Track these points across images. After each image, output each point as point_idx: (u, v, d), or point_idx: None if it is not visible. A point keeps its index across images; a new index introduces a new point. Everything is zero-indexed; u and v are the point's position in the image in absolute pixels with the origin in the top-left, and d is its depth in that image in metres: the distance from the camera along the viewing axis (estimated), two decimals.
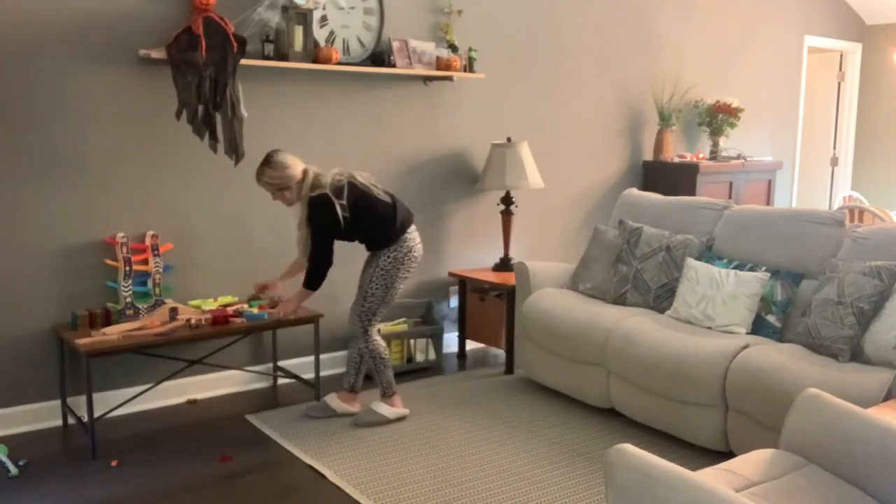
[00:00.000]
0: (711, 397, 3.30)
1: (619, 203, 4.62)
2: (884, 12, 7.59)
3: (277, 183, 3.49)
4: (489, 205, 5.06)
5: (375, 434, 3.60)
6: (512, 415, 3.87)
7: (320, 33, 4.19)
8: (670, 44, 5.98)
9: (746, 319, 3.57)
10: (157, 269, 3.83)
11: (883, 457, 2.06)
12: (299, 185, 3.50)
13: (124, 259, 3.74)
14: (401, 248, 3.61)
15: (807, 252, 3.67)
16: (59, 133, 3.59)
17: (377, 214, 3.55)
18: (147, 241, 3.81)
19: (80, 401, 3.73)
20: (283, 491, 3.07)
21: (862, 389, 2.87)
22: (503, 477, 3.19)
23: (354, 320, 3.68)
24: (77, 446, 3.48)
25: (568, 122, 5.43)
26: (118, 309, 3.74)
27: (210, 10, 3.67)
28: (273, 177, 3.48)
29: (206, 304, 3.92)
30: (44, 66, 3.52)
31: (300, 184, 3.50)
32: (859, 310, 3.18)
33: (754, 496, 1.98)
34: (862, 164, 7.95)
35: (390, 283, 3.62)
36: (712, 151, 6.10)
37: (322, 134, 4.32)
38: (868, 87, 7.86)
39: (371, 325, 3.68)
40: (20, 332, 3.60)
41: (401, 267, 3.62)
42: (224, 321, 3.68)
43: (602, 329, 3.75)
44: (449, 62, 4.47)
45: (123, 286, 3.74)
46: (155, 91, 3.79)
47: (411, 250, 3.64)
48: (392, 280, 3.62)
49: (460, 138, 4.88)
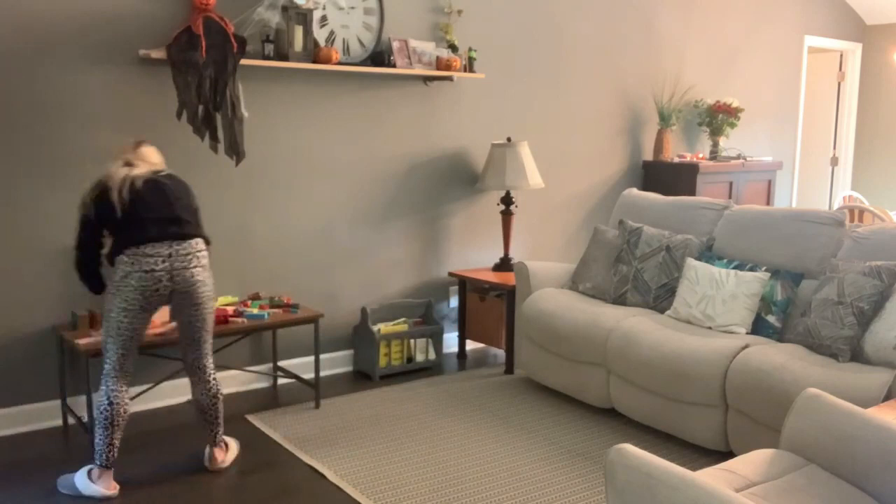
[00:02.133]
0: (711, 397, 3.30)
1: (619, 203, 4.62)
2: (884, 12, 7.59)
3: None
4: (489, 205, 5.06)
5: (375, 434, 3.60)
6: (512, 415, 3.87)
7: (320, 33, 4.19)
8: (670, 44, 5.98)
9: (746, 319, 3.57)
10: None
11: (883, 457, 2.06)
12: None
13: None
14: (116, 272, 2.96)
15: (807, 252, 3.67)
16: (59, 133, 3.59)
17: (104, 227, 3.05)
18: None
19: (80, 401, 3.73)
20: (283, 491, 3.07)
21: (862, 389, 2.87)
22: (503, 477, 3.19)
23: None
24: (77, 446, 3.48)
25: (568, 122, 5.43)
26: None
27: (210, 10, 3.67)
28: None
29: None
30: (44, 65, 3.52)
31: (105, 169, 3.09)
32: (859, 310, 3.18)
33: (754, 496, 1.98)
34: (862, 164, 7.95)
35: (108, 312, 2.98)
36: (712, 151, 6.10)
37: (322, 134, 4.32)
38: (868, 87, 7.86)
39: (105, 364, 3.01)
40: (20, 332, 3.60)
41: (116, 294, 2.94)
42: (224, 321, 3.68)
43: (602, 329, 3.75)
44: (449, 62, 4.47)
45: None
46: (155, 91, 3.79)
47: (126, 276, 2.92)
48: (109, 308, 2.97)
49: (460, 138, 4.88)
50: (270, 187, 4.19)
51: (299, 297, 4.32)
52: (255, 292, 4.12)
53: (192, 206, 3.10)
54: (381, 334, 4.34)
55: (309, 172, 4.30)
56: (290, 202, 4.26)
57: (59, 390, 3.70)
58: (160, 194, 3.00)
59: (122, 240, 2.93)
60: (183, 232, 2.99)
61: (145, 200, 2.96)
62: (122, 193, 2.93)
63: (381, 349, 4.36)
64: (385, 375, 4.41)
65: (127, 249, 2.91)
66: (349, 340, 4.57)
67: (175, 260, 2.95)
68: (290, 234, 4.29)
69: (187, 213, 3.04)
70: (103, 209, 2.95)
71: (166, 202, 2.99)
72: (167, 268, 2.93)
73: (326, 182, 4.36)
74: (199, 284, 3.02)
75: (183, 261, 2.97)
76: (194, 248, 3.01)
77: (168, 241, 2.95)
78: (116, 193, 2.92)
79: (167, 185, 3.04)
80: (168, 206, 2.99)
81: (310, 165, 4.30)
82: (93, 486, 2.97)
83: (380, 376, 4.38)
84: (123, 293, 2.92)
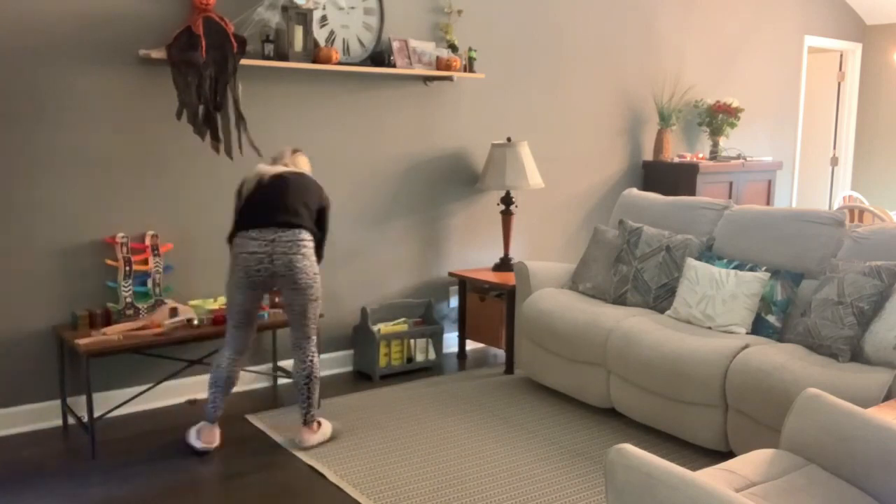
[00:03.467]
0: (711, 397, 3.30)
1: (619, 203, 4.62)
2: (884, 12, 7.59)
3: None
4: (489, 205, 5.06)
5: (375, 434, 3.60)
6: (512, 415, 3.87)
7: (320, 33, 4.19)
8: (670, 44, 5.98)
9: (746, 319, 3.57)
10: (157, 269, 3.83)
11: (883, 457, 2.06)
12: None
13: (124, 259, 3.74)
14: (231, 253, 3.33)
15: (807, 252, 3.67)
16: (58, 133, 3.59)
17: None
18: (147, 241, 3.81)
19: (80, 401, 3.73)
20: (283, 491, 3.07)
21: (862, 389, 2.87)
22: (503, 477, 3.19)
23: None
24: (77, 446, 3.48)
25: (568, 122, 5.43)
26: (118, 309, 3.74)
27: (210, 10, 3.67)
28: None
29: (207, 303, 3.92)
30: (44, 66, 3.52)
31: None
32: (859, 310, 3.18)
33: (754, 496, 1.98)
34: (862, 164, 7.95)
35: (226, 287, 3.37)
36: (712, 151, 6.10)
37: (322, 134, 4.32)
38: (868, 87, 7.86)
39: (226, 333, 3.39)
40: (20, 332, 3.60)
41: (231, 272, 3.32)
42: (224, 321, 3.68)
43: (602, 329, 3.75)
44: (449, 62, 4.48)
45: (123, 286, 3.74)
46: (155, 91, 3.79)
47: (235, 257, 3.28)
48: (227, 284, 3.36)
49: (460, 138, 4.88)
50: None
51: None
52: None
53: (310, 202, 3.36)
54: (381, 334, 4.34)
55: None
56: None
57: (60, 390, 3.70)
58: (280, 186, 3.31)
59: (236, 224, 3.31)
60: (290, 221, 3.25)
61: (265, 191, 3.29)
62: (250, 185, 3.31)
63: (381, 349, 4.36)
64: (385, 375, 4.41)
65: (239, 233, 3.28)
66: (349, 340, 4.57)
67: (277, 245, 3.22)
68: None
69: (301, 206, 3.31)
70: (238, 199, 3.35)
71: (282, 193, 3.29)
72: (268, 251, 3.21)
73: (326, 182, 4.36)
74: (298, 271, 3.26)
75: (284, 247, 3.23)
76: (298, 238, 3.27)
77: (274, 228, 3.23)
78: (244, 186, 3.32)
79: (290, 179, 3.33)
80: (282, 197, 3.28)
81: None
82: (198, 441, 3.39)
83: (380, 376, 4.38)
84: (234, 272, 3.28)
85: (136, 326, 3.57)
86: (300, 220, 3.29)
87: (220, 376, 3.35)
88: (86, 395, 3.34)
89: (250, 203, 3.29)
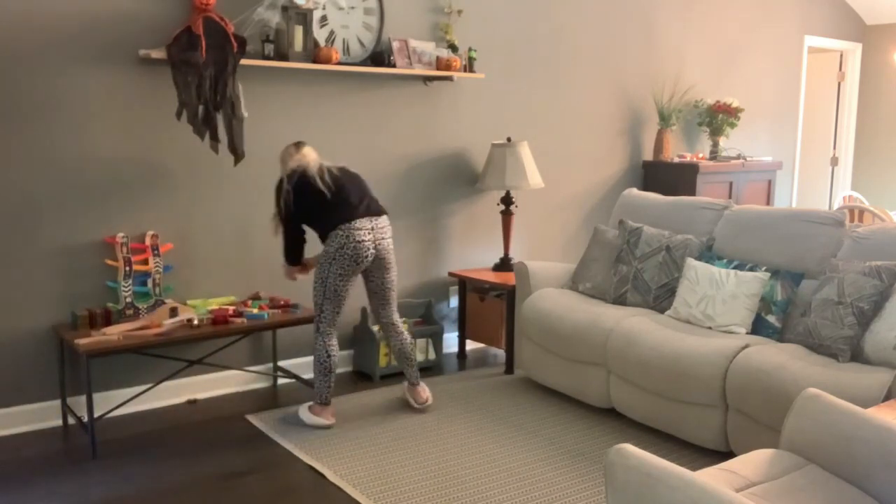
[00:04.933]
0: (711, 397, 3.30)
1: (619, 203, 4.62)
2: (884, 12, 7.59)
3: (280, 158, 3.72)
4: (489, 205, 5.06)
5: (375, 434, 3.60)
6: (512, 415, 3.87)
7: (320, 33, 4.19)
8: (670, 44, 5.99)
9: (746, 319, 3.57)
10: (157, 269, 3.83)
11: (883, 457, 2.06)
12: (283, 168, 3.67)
13: (124, 259, 3.74)
14: (331, 244, 3.54)
15: (807, 252, 3.67)
16: (58, 133, 3.59)
17: (313, 207, 3.57)
18: (147, 241, 3.81)
19: (80, 401, 3.73)
20: (283, 491, 3.07)
21: (862, 389, 2.87)
22: (503, 477, 3.19)
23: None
24: (77, 446, 3.48)
25: (568, 122, 5.43)
26: (118, 309, 3.74)
27: (210, 10, 3.67)
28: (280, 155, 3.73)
29: (207, 303, 3.92)
30: (44, 65, 3.52)
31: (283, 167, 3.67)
32: (859, 310, 3.18)
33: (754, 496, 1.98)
34: (862, 164, 7.95)
35: (324, 278, 3.57)
36: (712, 151, 6.10)
37: (322, 134, 4.32)
38: (868, 87, 7.86)
39: (320, 323, 3.63)
40: (20, 332, 3.61)
41: (332, 262, 3.54)
42: (224, 321, 3.68)
43: (602, 329, 3.75)
44: (449, 62, 4.48)
45: (123, 286, 3.74)
46: (155, 91, 3.79)
47: (343, 247, 3.51)
48: (325, 275, 3.56)
49: (460, 138, 4.88)
50: (270, 187, 4.18)
51: (299, 297, 4.32)
52: (256, 292, 4.13)
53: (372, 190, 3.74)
54: (381, 334, 4.34)
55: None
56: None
57: (60, 390, 3.70)
58: (354, 180, 3.65)
59: (334, 218, 3.53)
60: (378, 209, 3.65)
61: (345, 185, 3.58)
62: (325, 179, 3.54)
63: (381, 349, 4.36)
64: (385, 375, 4.41)
65: (341, 225, 3.52)
66: (349, 340, 4.57)
67: (376, 232, 3.59)
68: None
69: (373, 194, 3.71)
70: (306, 194, 3.54)
71: (361, 186, 3.66)
72: (371, 238, 3.57)
73: None
74: (391, 253, 3.69)
75: (381, 233, 3.61)
76: (386, 223, 3.66)
77: (369, 217, 3.58)
78: (320, 181, 3.53)
79: (354, 173, 3.70)
80: (363, 190, 3.65)
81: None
82: (316, 419, 3.65)
83: (380, 376, 4.38)
84: (340, 262, 3.53)
85: (136, 326, 3.57)
86: (381, 207, 3.68)
87: (334, 363, 3.65)
88: (86, 395, 3.34)
89: (340, 196, 3.55)
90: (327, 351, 3.62)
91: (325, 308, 3.59)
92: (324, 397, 3.66)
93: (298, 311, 3.95)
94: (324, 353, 3.62)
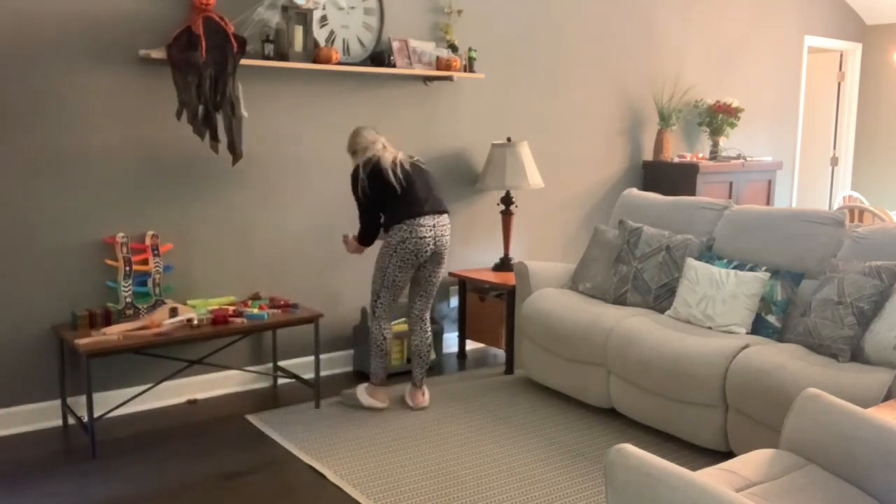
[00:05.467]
0: (711, 397, 3.30)
1: (619, 203, 4.62)
2: (884, 12, 7.59)
3: (349, 147, 3.86)
4: (489, 205, 5.06)
5: (375, 434, 3.60)
6: (512, 415, 3.87)
7: (320, 33, 4.19)
8: (670, 44, 5.98)
9: (746, 319, 3.57)
10: (157, 269, 3.83)
11: (883, 457, 2.06)
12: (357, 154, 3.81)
13: (124, 259, 3.74)
14: (394, 237, 3.71)
15: (807, 252, 3.67)
16: (58, 133, 3.59)
17: (383, 198, 3.74)
18: (147, 242, 3.81)
19: (80, 401, 3.73)
20: (283, 491, 3.07)
21: (862, 389, 2.87)
22: (503, 477, 3.19)
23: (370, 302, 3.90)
24: (77, 446, 3.48)
25: (568, 122, 5.43)
26: (118, 309, 3.74)
27: (210, 10, 3.67)
28: (348, 143, 3.86)
29: (207, 303, 3.92)
30: (44, 66, 3.52)
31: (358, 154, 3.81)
32: (859, 310, 3.18)
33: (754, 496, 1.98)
34: (862, 164, 7.95)
35: (384, 268, 3.76)
36: (712, 151, 6.10)
37: (322, 134, 4.32)
38: (868, 87, 7.86)
39: (377, 308, 3.85)
40: (20, 332, 3.60)
41: (393, 254, 3.72)
42: (224, 321, 3.68)
43: (602, 329, 3.75)
44: (449, 62, 4.47)
45: (123, 286, 3.74)
46: (155, 91, 3.79)
47: (404, 241, 3.69)
48: (384, 265, 3.75)
49: (460, 138, 4.88)
50: (270, 187, 4.19)
51: (299, 297, 4.32)
52: (256, 292, 4.13)
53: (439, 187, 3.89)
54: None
55: (309, 172, 4.30)
56: (290, 202, 4.26)
57: (60, 390, 3.70)
58: (423, 175, 3.80)
59: (401, 212, 3.69)
60: (441, 209, 3.80)
61: (415, 181, 3.74)
62: (398, 173, 3.69)
63: None
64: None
65: (406, 220, 3.68)
66: (349, 340, 4.57)
67: (436, 229, 3.76)
68: (290, 233, 4.29)
69: (440, 192, 3.86)
70: (379, 185, 3.68)
71: (428, 183, 3.81)
72: (433, 235, 3.74)
73: (326, 182, 4.36)
74: (447, 249, 3.86)
75: (441, 230, 3.78)
76: (447, 221, 3.83)
77: (432, 215, 3.74)
78: (392, 175, 3.67)
79: (425, 169, 3.85)
80: (429, 186, 3.80)
81: (310, 165, 4.30)
82: (371, 400, 3.86)
83: None
84: (401, 254, 3.71)
85: (136, 326, 3.57)
86: (444, 205, 3.84)
87: (389, 345, 3.91)
88: (86, 394, 3.34)
89: (410, 191, 3.71)
90: (383, 334, 3.86)
91: (383, 295, 3.81)
92: (380, 378, 3.88)
93: (298, 312, 3.94)
94: (380, 336, 3.85)
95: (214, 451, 3.43)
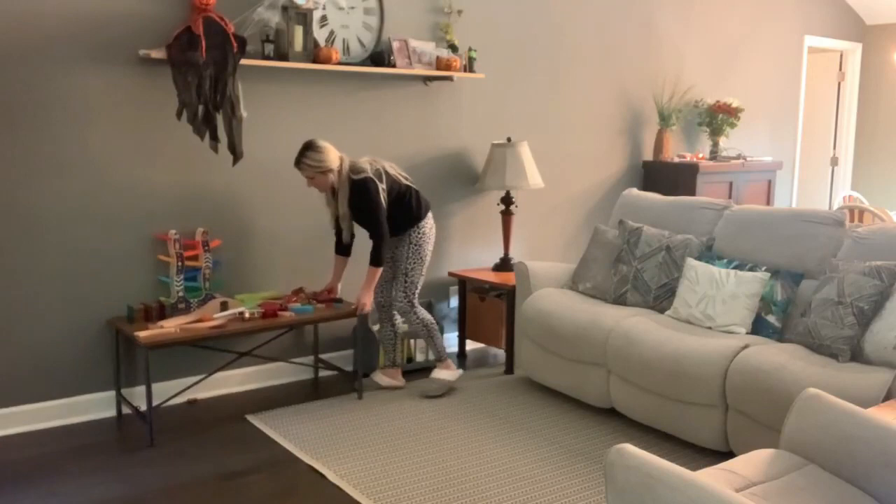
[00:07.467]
0: (711, 397, 3.30)
1: (619, 203, 4.62)
2: (884, 12, 7.59)
3: (319, 166, 3.76)
4: (489, 205, 5.06)
5: (375, 434, 3.60)
6: (512, 415, 3.87)
7: (320, 33, 4.19)
8: (670, 44, 5.98)
9: (746, 319, 3.57)
10: (206, 264, 3.90)
11: (883, 457, 2.06)
12: (339, 169, 3.80)
13: (177, 255, 3.82)
14: (426, 224, 4.05)
15: (807, 252, 3.67)
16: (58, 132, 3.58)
17: (407, 198, 3.97)
18: (198, 238, 3.90)
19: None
20: (283, 491, 3.07)
21: (862, 389, 2.87)
22: (503, 477, 3.19)
23: (400, 298, 4.06)
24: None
25: (568, 122, 5.43)
26: (171, 303, 3.81)
27: (210, 10, 3.67)
28: (316, 160, 3.75)
29: (254, 297, 4.03)
30: (44, 65, 3.52)
31: (340, 168, 3.80)
32: (859, 310, 3.18)
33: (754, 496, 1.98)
34: (862, 164, 7.95)
35: (423, 256, 4.06)
36: (712, 151, 6.10)
37: (322, 134, 4.31)
38: (868, 87, 7.86)
39: (415, 298, 4.07)
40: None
41: (428, 241, 4.07)
42: (274, 314, 3.79)
43: (602, 329, 3.75)
44: (449, 62, 4.47)
45: (175, 281, 3.82)
46: (155, 91, 3.79)
47: (433, 227, 4.11)
48: (424, 253, 4.06)
49: (460, 138, 4.88)
50: (270, 187, 4.19)
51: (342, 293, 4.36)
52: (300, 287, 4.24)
53: None
54: (380, 335, 4.33)
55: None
56: (289, 202, 4.26)
57: (115, 382, 3.80)
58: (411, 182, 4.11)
59: (423, 206, 4.04)
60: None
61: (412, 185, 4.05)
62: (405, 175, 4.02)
63: (381, 349, 4.36)
64: None
65: (429, 211, 4.09)
66: (349, 340, 4.57)
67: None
68: (290, 233, 4.30)
69: None
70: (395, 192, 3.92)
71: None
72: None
73: None
74: None
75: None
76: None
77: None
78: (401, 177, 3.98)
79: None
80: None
81: None
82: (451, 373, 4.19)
83: None
84: (431, 240, 4.11)
85: (191, 320, 3.65)
86: None
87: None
88: (145, 385, 3.45)
89: (419, 195, 4.05)
90: (430, 316, 4.14)
91: (419, 284, 4.09)
92: (444, 354, 4.19)
93: (341, 306, 4.03)
94: (429, 318, 4.13)
95: (214, 451, 3.43)
